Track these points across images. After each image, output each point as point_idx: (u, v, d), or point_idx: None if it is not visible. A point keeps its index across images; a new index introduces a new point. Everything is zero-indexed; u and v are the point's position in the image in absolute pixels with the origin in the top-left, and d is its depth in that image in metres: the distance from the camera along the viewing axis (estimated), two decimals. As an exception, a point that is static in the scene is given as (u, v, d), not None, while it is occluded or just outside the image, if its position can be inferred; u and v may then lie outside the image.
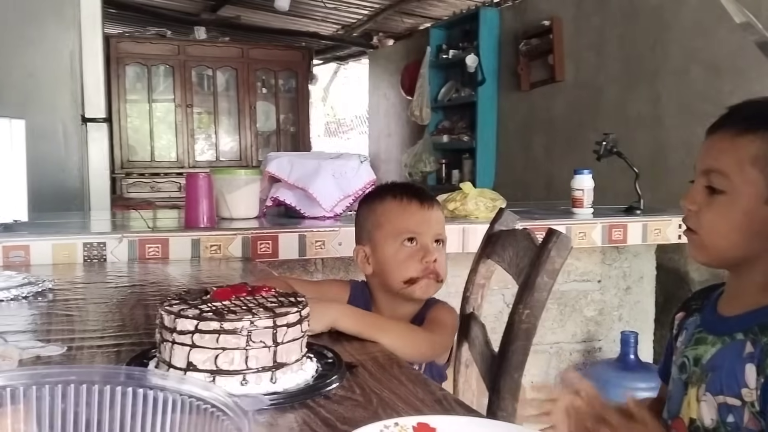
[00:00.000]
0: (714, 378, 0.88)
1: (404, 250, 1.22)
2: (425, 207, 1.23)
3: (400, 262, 1.21)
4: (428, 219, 1.23)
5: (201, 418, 0.54)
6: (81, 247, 1.68)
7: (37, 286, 1.31)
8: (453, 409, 0.75)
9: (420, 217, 1.23)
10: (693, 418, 0.91)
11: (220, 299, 0.82)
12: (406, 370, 0.89)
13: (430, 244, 1.22)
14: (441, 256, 1.23)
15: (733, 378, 0.85)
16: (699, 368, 0.91)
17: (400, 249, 1.22)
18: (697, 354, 0.93)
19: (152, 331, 0.84)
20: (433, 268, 1.21)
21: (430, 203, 1.25)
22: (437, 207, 1.27)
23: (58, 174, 2.80)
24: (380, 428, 0.61)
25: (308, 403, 0.75)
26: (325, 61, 7.67)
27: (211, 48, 5.81)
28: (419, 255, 1.21)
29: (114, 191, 4.85)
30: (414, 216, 1.23)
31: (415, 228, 1.22)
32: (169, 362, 0.77)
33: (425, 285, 1.21)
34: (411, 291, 1.22)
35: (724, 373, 0.86)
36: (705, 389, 0.88)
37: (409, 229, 1.22)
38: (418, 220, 1.23)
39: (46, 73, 2.82)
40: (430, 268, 1.20)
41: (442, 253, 1.24)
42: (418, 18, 5.83)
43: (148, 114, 5.68)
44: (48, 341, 0.97)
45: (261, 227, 1.86)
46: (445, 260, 1.25)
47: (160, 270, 1.61)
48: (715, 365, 0.88)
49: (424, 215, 1.23)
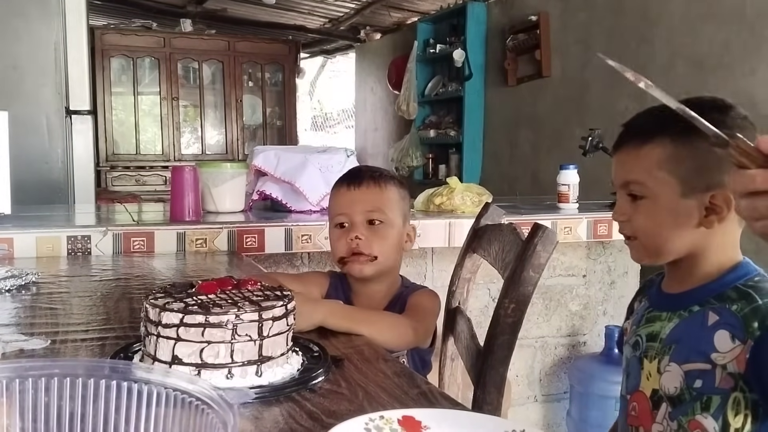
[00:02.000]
0: (679, 349, 0.95)
1: (336, 231, 1.27)
2: (352, 188, 1.25)
3: (333, 242, 1.27)
4: (355, 199, 1.24)
5: (186, 412, 0.53)
6: (65, 240, 1.66)
7: (21, 279, 1.30)
8: (438, 402, 0.75)
9: (347, 198, 1.25)
10: (655, 389, 0.98)
11: (205, 293, 0.82)
12: (391, 364, 0.89)
13: (357, 222, 1.23)
14: (373, 234, 1.23)
15: (701, 345, 0.92)
16: (658, 343, 0.99)
17: (333, 231, 1.28)
18: (651, 331, 1.01)
19: (137, 324, 0.84)
20: (356, 246, 1.22)
21: (357, 183, 1.24)
22: (372, 186, 1.24)
23: (42, 166, 2.77)
24: (365, 421, 0.61)
25: (294, 397, 0.75)
26: (312, 54, 7.65)
27: (197, 41, 5.78)
28: (347, 235, 1.24)
29: (99, 184, 4.81)
30: (342, 197, 1.26)
31: (342, 209, 1.25)
32: (154, 356, 0.76)
33: (356, 265, 1.23)
34: (347, 270, 1.26)
35: (691, 343, 0.94)
36: (669, 360, 0.96)
37: (337, 211, 1.27)
38: (344, 202, 1.25)
39: (30, 64, 2.79)
40: (353, 246, 1.22)
41: (374, 232, 1.23)
42: (406, 12, 5.82)
43: (133, 107, 5.64)
44: (31, 335, 0.96)
45: (247, 221, 1.85)
46: (385, 239, 1.24)
47: (145, 263, 1.60)
48: (679, 337, 0.96)
49: (351, 196, 1.24)
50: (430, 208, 2.14)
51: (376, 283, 1.27)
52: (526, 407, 2.41)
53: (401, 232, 1.28)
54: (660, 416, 0.97)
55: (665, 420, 0.96)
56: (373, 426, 0.61)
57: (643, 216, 0.98)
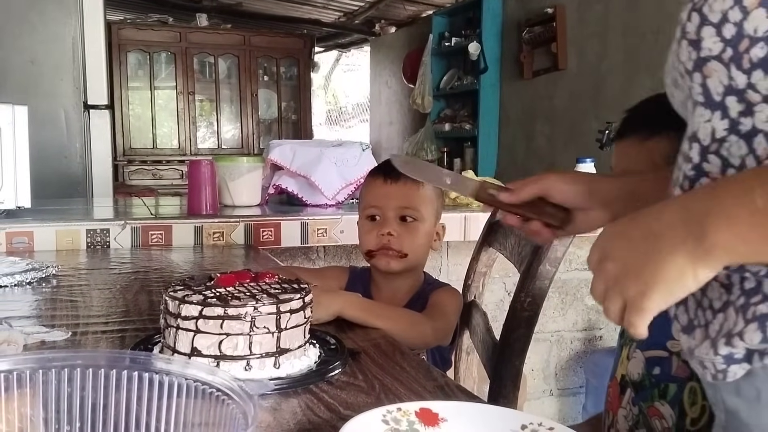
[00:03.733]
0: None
1: (367, 223, 1.25)
2: (388, 182, 1.23)
3: (363, 234, 1.26)
4: (389, 193, 1.22)
5: (206, 402, 0.54)
6: (84, 233, 1.68)
7: (41, 272, 1.32)
8: (455, 395, 0.76)
9: (381, 191, 1.23)
10: (623, 375, 1.00)
11: (224, 285, 0.82)
12: (408, 357, 0.89)
13: (390, 218, 1.22)
14: (405, 231, 1.22)
15: (660, 333, 0.90)
16: None
17: (364, 223, 1.26)
18: None
19: (156, 316, 0.85)
20: (387, 242, 1.21)
21: (394, 178, 1.22)
22: (407, 182, 1.21)
23: (61, 161, 2.80)
24: (383, 413, 0.62)
25: (311, 389, 0.76)
26: (326, 48, 7.65)
27: (212, 35, 5.79)
28: (378, 229, 1.23)
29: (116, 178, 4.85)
30: (376, 190, 1.25)
31: (376, 202, 1.24)
32: (174, 347, 0.77)
33: (384, 258, 1.22)
34: (374, 263, 1.26)
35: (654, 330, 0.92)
36: (635, 347, 0.97)
37: (370, 203, 1.25)
38: (378, 194, 1.24)
39: (48, 59, 2.81)
40: (384, 242, 1.21)
41: (407, 228, 1.22)
42: (421, 5, 5.80)
43: (150, 101, 5.67)
44: (52, 326, 0.97)
45: (263, 215, 1.86)
46: (416, 237, 1.23)
47: (163, 256, 1.62)
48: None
49: (386, 190, 1.23)
50: (446, 202, 2.13)
51: (400, 278, 1.27)
52: (541, 401, 2.41)
53: (432, 230, 1.26)
54: (625, 401, 0.98)
55: (629, 405, 0.97)
56: (391, 418, 0.61)
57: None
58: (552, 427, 0.59)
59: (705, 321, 0.59)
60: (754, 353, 0.56)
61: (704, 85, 0.56)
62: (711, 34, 0.54)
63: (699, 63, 0.56)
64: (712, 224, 0.50)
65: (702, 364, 0.60)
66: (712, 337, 0.58)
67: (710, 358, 0.58)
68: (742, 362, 0.56)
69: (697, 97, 0.57)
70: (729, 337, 0.56)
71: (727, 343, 0.56)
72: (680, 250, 0.52)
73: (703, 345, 0.59)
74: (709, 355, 0.58)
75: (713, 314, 0.59)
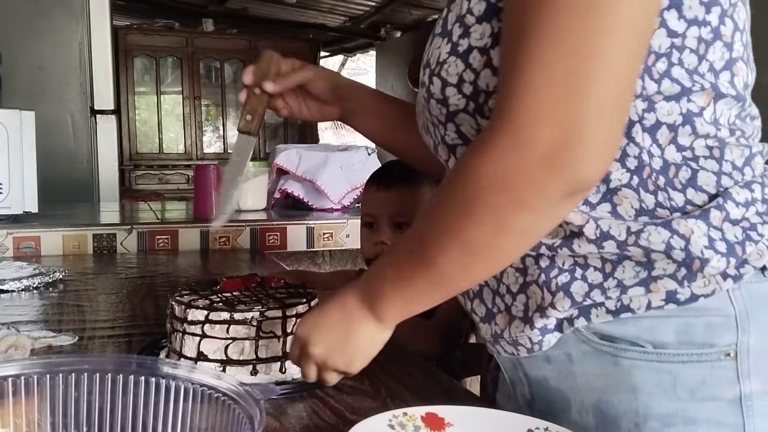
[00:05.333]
0: None
1: (365, 231, 1.26)
2: (381, 189, 1.22)
3: (362, 243, 1.27)
4: (382, 200, 1.22)
5: (213, 407, 0.54)
6: (91, 238, 1.69)
7: (48, 276, 1.32)
8: (461, 399, 0.75)
9: (375, 199, 1.23)
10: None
11: (230, 290, 0.83)
12: (414, 361, 0.89)
13: (384, 225, 1.21)
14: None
15: None
16: None
17: (362, 230, 1.27)
18: None
19: (162, 321, 0.85)
20: (381, 250, 1.20)
21: (386, 185, 1.21)
22: (401, 189, 1.21)
23: (68, 165, 2.82)
24: (389, 418, 0.62)
25: (317, 393, 0.76)
26: (332, 53, 7.66)
27: (218, 40, 5.82)
28: (374, 237, 1.22)
29: (122, 183, 4.87)
30: (370, 198, 1.25)
31: (370, 210, 1.24)
32: (180, 352, 0.78)
33: None
34: None
35: None
36: None
37: (365, 210, 1.26)
38: (372, 202, 1.24)
39: (55, 64, 2.83)
40: (377, 250, 1.21)
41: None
42: (426, 9, 5.80)
43: (156, 106, 5.70)
44: (59, 331, 0.98)
45: (269, 219, 1.87)
46: None
47: (169, 261, 1.62)
48: None
49: (379, 197, 1.22)
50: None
51: None
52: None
53: None
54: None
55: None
56: (397, 423, 0.61)
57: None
58: (558, 431, 0.59)
59: (505, 305, 0.69)
60: (563, 321, 0.65)
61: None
62: (453, 93, 0.64)
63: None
64: (376, 302, 0.65)
65: (515, 342, 0.69)
66: (519, 317, 0.68)
67: (526, 334, 0.67)
68: (554, 331, 0.66)
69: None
70: (541, 310, 0.65)
71: (541, 315, 0.65)
72: (365, 324, 0.67)
73: (512, 325, 0.68)
74: (525, 332, 0.67)
75: (512, 297, 0.68)
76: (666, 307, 0.61)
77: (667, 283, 0.61)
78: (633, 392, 0.63)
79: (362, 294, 0.67)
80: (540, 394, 0.72)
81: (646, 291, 0.61)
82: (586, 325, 0.64)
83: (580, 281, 0.63)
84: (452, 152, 0.69)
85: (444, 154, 0.70)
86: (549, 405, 0.71)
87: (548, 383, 0.70)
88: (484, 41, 0.61)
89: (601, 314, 0.63)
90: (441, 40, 0.64)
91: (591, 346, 0.65)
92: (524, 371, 0.72)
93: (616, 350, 0.64)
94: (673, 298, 0.61)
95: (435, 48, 0.65)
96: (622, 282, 0.62)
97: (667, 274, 0.60)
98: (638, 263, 0.61)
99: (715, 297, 0.60)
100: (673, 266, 0.60)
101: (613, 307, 0.63)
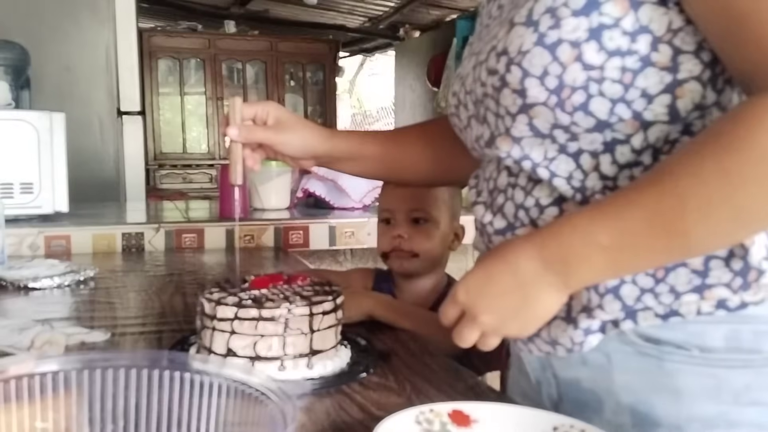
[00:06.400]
0: None
1: (382, 226, 1.27)
2: (399, 184, 1.22)
3: (378, 237, 1.28)
4: (399, 195, 1.23)
5: (245, 402, 0.55)
6: (120, 236, 1.72)
7: (79, 274, 1.35)
8: (486, 396, 0.76)
9: (393, 194, 1.25)
10: None
11: (258, 287, 0.84)
12: (437, 358, 0.90)
13: (401, 220, 1.23)
14: (416, 232, 1.22)
15: None
16: None
17: (379, 226, 1.28)
18: None
19: (191, 318, 0.87)
20: (398, 244, 1.22)
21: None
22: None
23: (96, 166, 2.87)
24: (416, 414, 0.63)
25: (343, 389, 0.77)
26: (351, 53, 7.68)
27: (240, 41, 5.86)
28: (391, 231, 1.24)
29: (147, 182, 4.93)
30: (388, 193, 1.26)
31: (388, 205, 1.25)
32: (210, 348, 0.79)
33: (397, 260, 1.24)
34: (389, 265, 1.27)
35: None
36: None
37: (383, 206, 1.27)
38: (390, 197, 1.25)
39: (82, 67, 2.88)
40: (395, 244, 1.22)
41: (418, 230, 1.23)
42: (445, 9, 5.80)
43: (179, 107, 5.76)
44: (92, 327, 1.00)
45: (292, 218, 1.89)
46: (428, 238, 1.23)
47: (196, 259, 1.65)
48: None
49: (396, 192, 1.24)
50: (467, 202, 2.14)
51: (419, 280, 1.28)
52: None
53: (448, 231, 1.26)
54: None
55: None
56: (424, 419, 0.63)
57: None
58: (584, 429, 0.60)
59: None
60: (608, 323, 0.65)
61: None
62: (535, 84, 0.62)
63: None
64: (573, 267, 0.61)
65: (554, 342, 0.68)
66: (562, 316, 0.67)
67: (568, 334, 0.67)
68: (597, 332, 0.66)
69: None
70: (588, 311, 0.65)
71: (587, 317, 0.65)
72: (548, 291, 0.62)
73: (553, 324, 0.67)
74: (568, 332, 0.67)
75: None
76: (716, 313, 0.62)
77: (721, 291, 0.61)
78: (676, 394, 0.64)
79: (545, 260, 0.61)
80: (569, 395, 0.72)
81: (700, 298, 0.61)
82: (633, 328, 0.64)
83: (630, 284, 0.63)
84: (517, 143, 0.68)
85: (505, 146, 0.69)
86: (579, 406, 0.71)
87: (580, 384, 0.70)
88: (577, 35, 0.60)
89: (649, 318, 0.64)
90: (525, 30, 0.63)
91: (633, 348, 0.65)
92: (554, 372, 0.73)
93: (661, 353, 0.64)
94: (723, 305, 0.61)
95: (517, 36, 0.63)
96: (674, 288, 0.62)
97: (722, 283, 0.61)
98: (694, 271, 0.61)
99: (764, 305, 0.61)
100: (729, 275, 0.61)
101: (663, 312, 0.63)
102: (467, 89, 0.75)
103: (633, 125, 0.62)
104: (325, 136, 0.94)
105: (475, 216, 0.79)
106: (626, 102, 0.61)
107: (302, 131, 0.92)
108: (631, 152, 0.63)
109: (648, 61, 0.60)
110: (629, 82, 0.60)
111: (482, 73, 0.69)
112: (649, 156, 0.63)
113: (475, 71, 0.72)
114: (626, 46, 0.59)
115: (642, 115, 0.61)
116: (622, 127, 0.62)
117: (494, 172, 0.75)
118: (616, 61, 0.60)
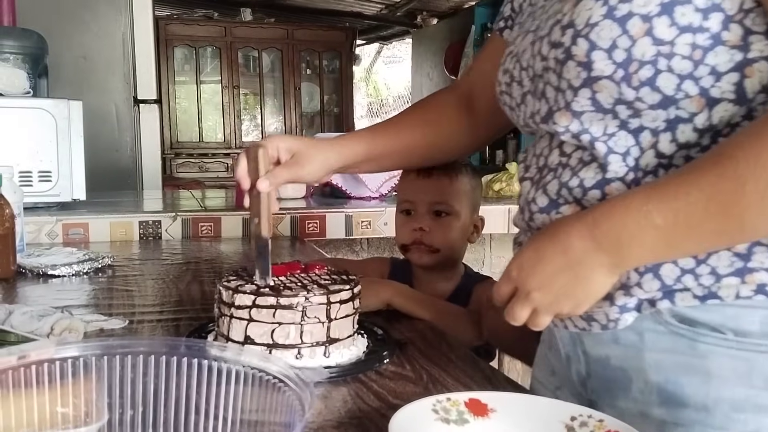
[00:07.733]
0: None
1: (402, 217, 1.25)
2: (421, 176, 1.21)
3: (398, 228, 1.26)
4: (421, 188, 1.21)
5: (263, 389, 0.56)
6: (137, 225, 1.73)
7: (98, 262, 1.36)
8: (502, 386, 0.76)
9: (414, 185, 1.23)
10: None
11: (275, 276, 0.84)
12: (454, 348, 0.90)
13: (422, 212, 1.21)
14: (438, 225, 1.21)
15: None
16: None
17: (399, 217, 1.26)
18: None
19: (208, 305, 0.87)
20: (420, 237, 1.21)
21: (427, 173, 1.21)
22: (441, 176, 1.21)
23: (113, 154, 2.89)
24: (433, 402, 0.63)
25: (360, 378, 0.77)
26: (368, 41, 7.65)
27: (256, 29, 5.86)
28: (411, 223, 1.22)
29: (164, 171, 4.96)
30: (409, 185, 1.24)
31: (409, 196, 1.24)
32: (227, 335, 0.80)
33: (417, 253, 1.23)
34: (408, 257, 1.26)
35: None
36: None
37: (403, 197, 1.25)
38: (411, 189, 1.24)
39: (99, 55, 2.90)
40: (416, 237, 1.21)
41: (440, 223, 1.21)
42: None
43: (195, 95, 5.78)
44: (110, 315, 1.01)
45: (309, 207, 1.89)
46: (449, 231, 1.22)
47: (212, 247, 1.66)
48: None
49: (418, 184, 1.22)
50: (489, 194, 2.13)
51: (438, 271, 1.27)
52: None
53: (468, 223, 1.25)
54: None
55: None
56: (441, 407, 0.62)
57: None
58: (602, 419, 0.60)
59: None
60: (644, 302, 0.66)
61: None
62: (602, 57, 0.62)
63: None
64: (625, 246, 0.61)
65: (590, 318, 0.69)
66: None
67: (604, 310, 0.67)
68: (632, 310, 0.66)
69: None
70: (626, 288, 0.65)
71: (625, 294, 0.65)
72: (600, 270, 0.63)
73: None
74: (604, 308, 0.67)
75: None
76: (755, 297, 0.62)
77: (763, 276, 0.61)
78: (707, 376, 0.64)
79: (597, 239, 0.62)
80: (597, 372, 0.72)
81: (741, 282, 0.62)
82: (669, 307, 0.65)
83: (671, 264, 0.63)
84: (577, 118, 0.67)
85: (564, 120, 0.68)
86: (607, 383, 0.71)
87: (609, 362, 0.70)
88: (648, 8, 0.60)
89: (687, 299, 0.64)
90: (594, 3, 0.63)
91: (667, 328, 0.66)
92: (584, 349, 0.73)
93: (695, 334, 0.64)
94: (763, 290, 0.61)
95: (585, 9, 0.63)
96: (715, 270, 0.62)
97: (764, 268, 0.61)
98: (736, 254, 0.62)
99: None
100: None
101: (701, 293, 0.63)
102: (523, 65, 0.74)
103: (699, 103, 0.61)
104: (337, 150, 0.95)
105: (520, 192, 0.78)
106: (694, 78, 0.61)
107: (318, 156, 0.93)
108: (693, 131, 0.63)
109: (719, 40, 0.60)
110: (699, 58, 0.60)
111: (543, 47, 0.69)
112: (708, 138, 0.62)
113: (534, 46, 0.71)
114: (698, 23, 0.59)
115: (709, 92, 0.61)
116: (687, 105, 0.62)
117: (546, 149, 0.74)
118: (687, 37, 0.60)
